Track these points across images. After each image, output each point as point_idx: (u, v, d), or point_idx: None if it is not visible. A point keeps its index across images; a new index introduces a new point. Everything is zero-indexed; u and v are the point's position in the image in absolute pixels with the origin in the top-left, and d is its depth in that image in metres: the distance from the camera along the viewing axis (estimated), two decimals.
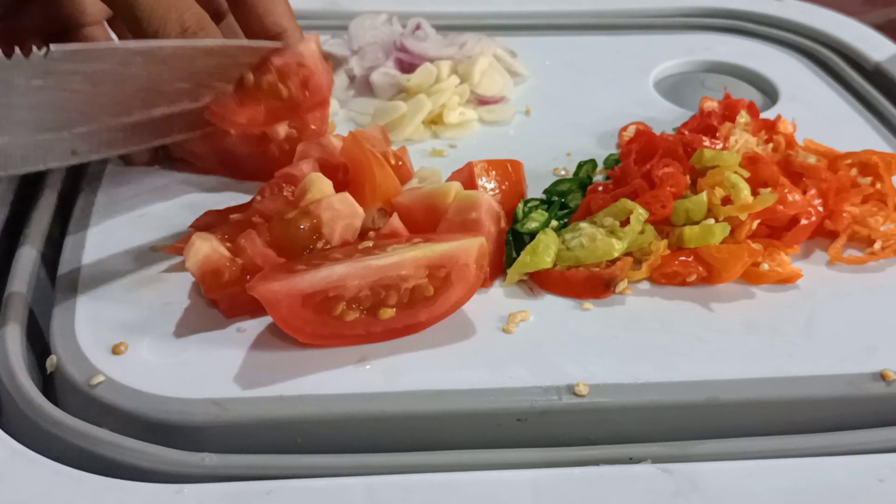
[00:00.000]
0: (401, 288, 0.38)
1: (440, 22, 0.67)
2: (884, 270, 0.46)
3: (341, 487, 0.33)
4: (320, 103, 0.48)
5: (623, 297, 0.43)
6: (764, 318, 0.42)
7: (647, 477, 0.34)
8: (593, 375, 0.38)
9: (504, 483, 0.34)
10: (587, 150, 0.54)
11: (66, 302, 0.41)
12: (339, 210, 0.40)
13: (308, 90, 0.46)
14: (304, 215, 0.40)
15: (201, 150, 0.49)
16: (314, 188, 0.41)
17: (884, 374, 0.39)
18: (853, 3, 0.86)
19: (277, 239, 0.40)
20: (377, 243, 0.40)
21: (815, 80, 0.65)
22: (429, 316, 0.39)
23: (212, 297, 0.39)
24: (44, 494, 0.32)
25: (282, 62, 0.46)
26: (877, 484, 0.34)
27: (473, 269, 0.39)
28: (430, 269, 0.38)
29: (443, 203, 0.43)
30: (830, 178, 0.47)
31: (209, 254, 0.39)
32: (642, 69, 0.65)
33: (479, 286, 0.40)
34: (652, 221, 0.44)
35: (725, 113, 0.54)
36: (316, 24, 0.69)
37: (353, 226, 0.41)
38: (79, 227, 0.46)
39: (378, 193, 0.43)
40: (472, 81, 0.59)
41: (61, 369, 0.38)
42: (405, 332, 0.39)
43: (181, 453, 0.35)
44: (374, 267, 0.37)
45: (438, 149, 0.54)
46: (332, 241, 0.40)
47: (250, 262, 0.39)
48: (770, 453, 0.36)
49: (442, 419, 0.37)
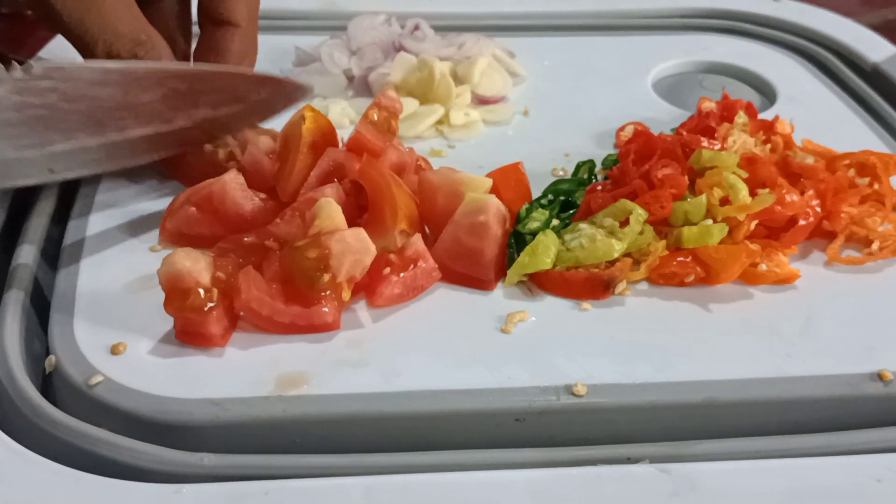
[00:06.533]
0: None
1: (439, 22, 0.67)
2: (881, 271, 0.46)
3: (339, 487, 0.33)
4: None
5: (622, 298, 0.43)
6: (762, 319, 0.42)
7: (645, 477, 0.34)
8: (591, 376, 0.38)
9: (502, 483, 0.34)
10: (585, 150, 0.54)
11: (64, 302, 0.41)
12: (350, 244, 0.39)
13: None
14: (314, 245, 0.39)
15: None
16: (323, 214, 0.41)
17: (881, 375, 0.39)
18: (851, 4, 0.86)
19: (286, 267, 0.39)
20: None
21: (813, 80, 0.65)
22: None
23: (169, 312, 0.38)
24: (42, 494, 0.32)
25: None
26: (875, 484, 0.34)
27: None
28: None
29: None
30: (828, 179, 0.47)
31: (183, 272, 0.38)
32: (640, 70, 0.65)
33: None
34: (650, 222, 0.44)
35: (723, 113, 0.54)
36: (315, 25, 0.69)
37: (363, 262, 0.40)
38: (78, 227, 0.46)
39: (400, 216, 0.43)
40: (472, 82, 0.59)
41: (60, 369, 0.38)
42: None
43: (180, 453, 0.35)
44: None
45: (437, 149, 0.54)
46: (339, 276, 0.39)
47: (231, 290, 0.39)
48: (768, 453, 0.36)
49: (440, 419, 0.37)
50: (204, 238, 0.43)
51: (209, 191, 0.44)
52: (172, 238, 0.44)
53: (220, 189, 0.44)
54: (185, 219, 0.44)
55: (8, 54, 0.46)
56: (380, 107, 0.48)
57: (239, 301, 0.39)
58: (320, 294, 0.39)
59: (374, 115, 0.47)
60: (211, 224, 0.44)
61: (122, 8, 0.44)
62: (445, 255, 0.43)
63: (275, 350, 0.39)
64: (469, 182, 0.44)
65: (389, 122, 0.48)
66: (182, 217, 0.44)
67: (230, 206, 0.44)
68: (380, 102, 0.48)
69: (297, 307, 0.39)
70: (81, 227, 0.46)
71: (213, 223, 0.44)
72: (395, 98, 0.48)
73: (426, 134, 0.56)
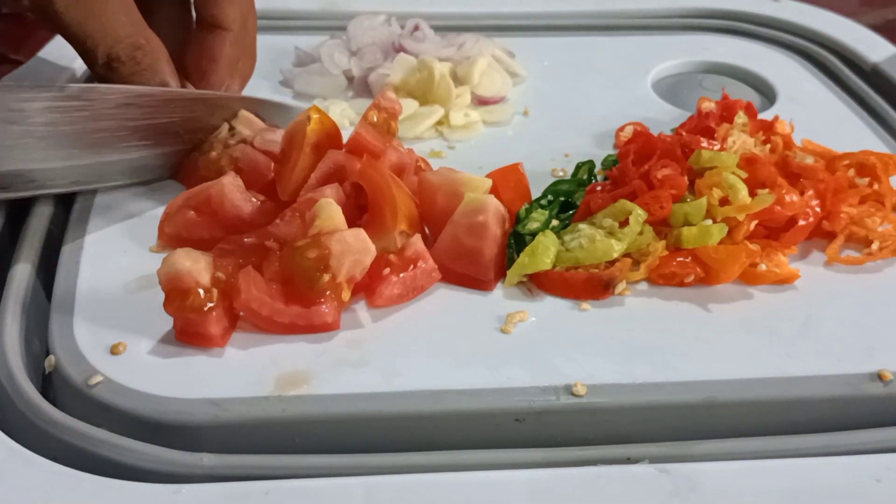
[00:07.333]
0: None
1: (439, 23, 0.67)
2: (881, 271, 0.46)
3: (339, 487, 0.33)
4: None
5: (621, 298, 0.43)
6: (762, 319, 0.42)
7: (644, 477, 0.34)
8: (591, 376, 0.38)
9: (502, 483, 0.34)
10: (585, 150, 0.54)
11: (64, 302, 0.41)
12: (350, 244, 0.39)
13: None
14: (314, 245, 0.39)
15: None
16: (323, 214, 0.40)
17: (881, 375, 0.39)
18: (851, 4, 0.86)
19: (286, 267, 0.39)
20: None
21: (813, 80, 0.65)
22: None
23: (169, 312, 0.38)
24: (42, 494, 0.32)
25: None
26: (874, 484, 0.34)
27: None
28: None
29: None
30: (828, 179, 0.47)
31: (183, 272, 0.38)
32: (640, 70, 0.65)
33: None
34: (650, 222, 0.44)
35: (723, 114, 0.54)
36: (315, 25, 0.69)
37: (363, 263, 0.40)
38: (77, 227, 0.46)
39: (399, 217, 0.43)
40: (472, 82, 0.59)
41: (59, 369, 0.38)
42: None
43: (179, 453, 0.35)
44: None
45: (437, 150, 0.54)
46: (339, 276, 0.39)
47: (230, 290, 0.39)
48: (768, 453, 0.36)
49: (440, 419, 0.37)
50: (204, 241, 0.43)
51: (207, 194, 0.44)
52: (172, 242, 0.44)
53: (219, 192, 0.44)
54: (183, 223, 0.44)
55: (8, 54, 0.46)
56: (379, 108, 0.48)
57: (239, 301, 0.39)
58: (320, 294, 0.39)
59: (373, 116, 0.47)
60: (210, 227, 0.44)
61: (122, 12, 0.44)
62: (445, 256, 0.43)
63: (274, 350, 0.39)
64: (469, 182, 0.44)
65: (389, 123, 0.48)
66: (181, 221, 0.44)
67: (229, 209, 0.44)
68: (379, 103, 0.48)
69: (296, 307, 0.39)
70: (81, 227, 0.46)
71: (212, 226, 0.44)
72: (394, 99, 0.48)
73: (426, 135, 0.56)
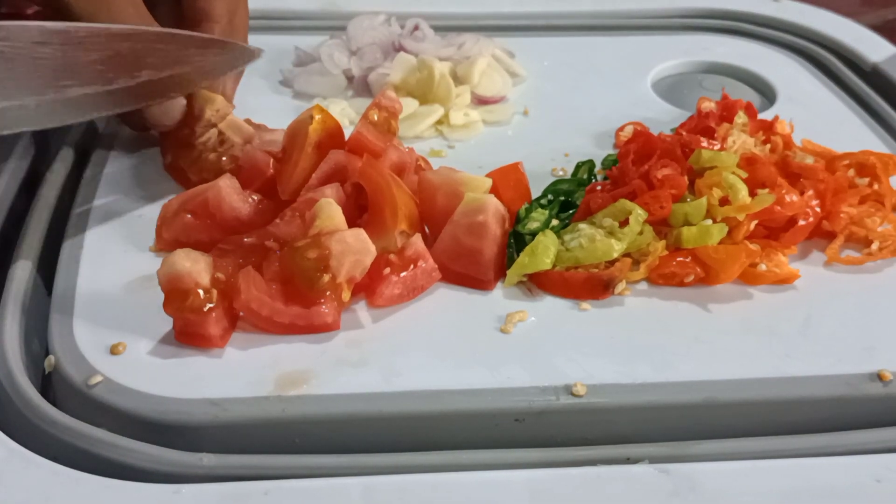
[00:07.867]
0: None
1: (438, 22, 0.67)
2: (881, 271, 0.46)
3: (339, 488, 0.33)
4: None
5: (621, 298, 0.43)
6: (761, 319, 0.42)
7: (644, 477, 0.34)
8: (591, 376, 0.38)
9: (502, 483, 0.34)
10: (585, 150, 0.54)
11: (64, 302, 0.41)
12: (350, 244, 0.39)
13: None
14: (314, 246, 0.39)
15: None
16: (323, 214, 0.40)
17: (881, 375, 0.39)
18: (851, 4, 0.86)
19: (286, 267, 0.39)
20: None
21: (813, 81, 0.65)
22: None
23: (168, 313, 0.38)
24: (41, 495, 0.32)
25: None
26: (874, 484, 0.34)
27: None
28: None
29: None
30: (828, 179, 0.47)
31: (182, 272, 0.38)
32: (640, 70, 0.65)
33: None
34: (650, 222, 0.44)
35: (723, 114, 0.54)
36: (315, 25, 0.69)
37: (363, 263, 0.40)
38: (77, 226, 0.46)
39: (400, 216, 0.43)
40: (472, 82, 0.59)
41: (59, 369, 0.38)
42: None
43: (179, 453, 0.35)
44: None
45: (437, 149, 0.54)
46: (339, 276, 0.39)
47: (230, 290, 0.39)
48: (767, 453, 0.36)
49: (440, 419, 0.37)
50: (202, 244, 0.43)
51: (204, 197, 0.44)
52: (170, 247, 0.44)
53: (216, 195, 0.44)
54: (181, 227, 0.44)
55: None
56: (379, 107, 0.48)
57: (239, 301, 0.39)
58: (320, 294, 0.39)
59: (373, 115, 0.47)
60: (209, 230, 0.44)
61: (130, 4, 0.45)
62: (445, 255, 0.43)
63: (274, 350, 0.39)
64: (469, 182, 0.44)
65: (389, 123, 0.48)
66: (179, 225, 0.44)
67: (227, 211, 0.44)
68: (379, 103, 0.48)
69: (296, 307, 0.39)
70: (81, 227, 0.46)
71: (210, 229, 0.44)
72: (394, 98, 0.48)
73: (426, 134, 0.56)
